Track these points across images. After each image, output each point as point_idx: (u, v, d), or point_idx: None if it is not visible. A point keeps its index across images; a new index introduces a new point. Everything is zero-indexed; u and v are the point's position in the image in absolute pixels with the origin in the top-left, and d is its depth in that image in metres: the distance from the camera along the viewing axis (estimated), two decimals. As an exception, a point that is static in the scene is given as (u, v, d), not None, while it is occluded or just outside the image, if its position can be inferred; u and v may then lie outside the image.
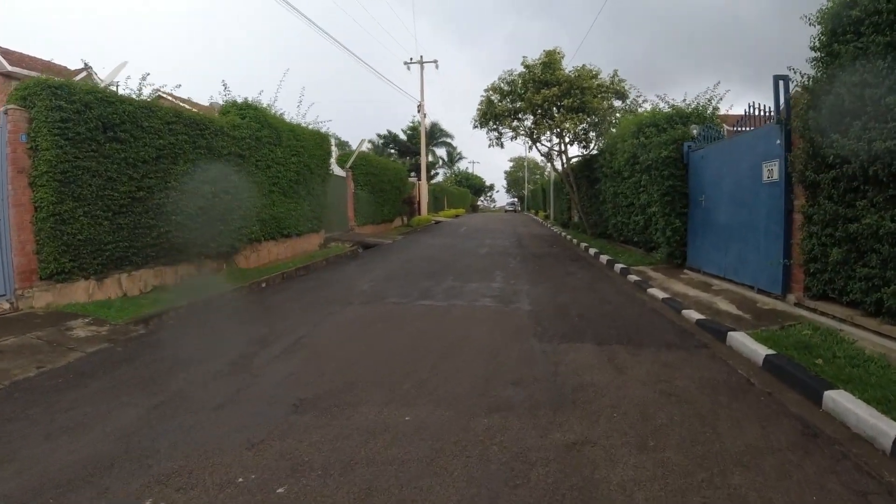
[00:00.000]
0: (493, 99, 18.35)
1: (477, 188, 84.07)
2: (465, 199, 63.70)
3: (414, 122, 42.95)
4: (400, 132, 48.30)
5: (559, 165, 20.45)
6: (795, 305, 6.41)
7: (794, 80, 6.23)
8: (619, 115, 17.30)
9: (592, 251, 14.08)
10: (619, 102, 17.68)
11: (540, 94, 16.52)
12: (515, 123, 18.59)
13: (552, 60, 17.01)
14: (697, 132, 10.08)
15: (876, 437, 3.12)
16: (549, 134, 18.74)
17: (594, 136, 18.14)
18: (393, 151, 47.86)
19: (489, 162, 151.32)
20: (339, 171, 18.61)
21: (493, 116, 18.34)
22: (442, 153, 56.04)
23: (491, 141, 19.52)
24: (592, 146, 18.32)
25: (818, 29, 5.74)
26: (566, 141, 18.63)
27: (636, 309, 7.18)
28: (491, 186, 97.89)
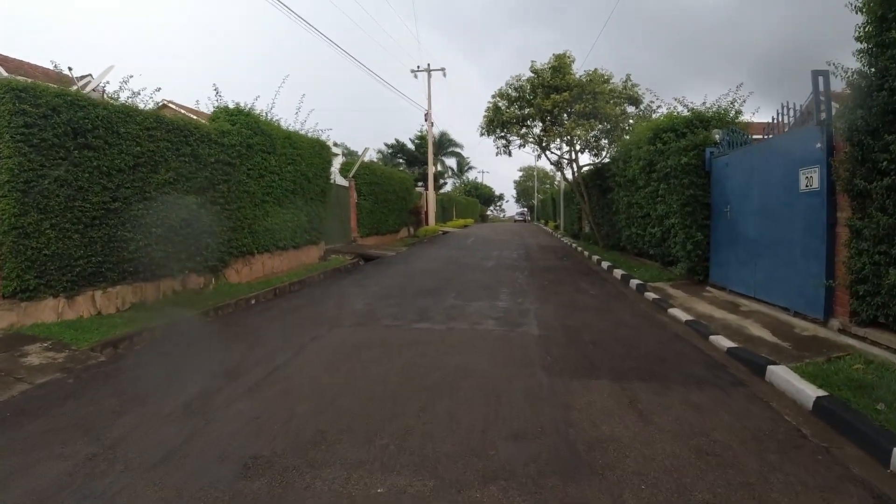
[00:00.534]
0: (500, 105, 17.69)
1: (486, 198, 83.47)
2: (474, 209, 63.04)
3: (422, 131, 42.44)
4: (408, 141, 47.80)
5: (570, 174, 19.75)
6: (840, 332, 5.64)
7: (835, 73, 5.50)
8: (632, 121, 16.61)
9: (605, 265, 13.33)
10: (632, 108, 16.98)
11: (549, 99, 15.85)
12: (524, 130, 17.90)
13: (562, 64, 16.35)
14: (720, 137, 9.37)
15: None
16: (559, 141, 18.06)
17: (606, 143, 17.42)
18: (401, 161, 47.30)
19: (498, 172, 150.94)
20: (341, 180, 18.01)
21: (500, 123, 17.67)
22: (451, 163, 55.47)
23: (498, 149, 18.87)
24: (604, 154, 17.60)
25: (863, 18, 5.04)
26: (577, 149, 17.94)
27: (657, 333, 6.44)
28: (500, 196, 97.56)
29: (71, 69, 9.00)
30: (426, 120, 31.17)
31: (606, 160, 17.24)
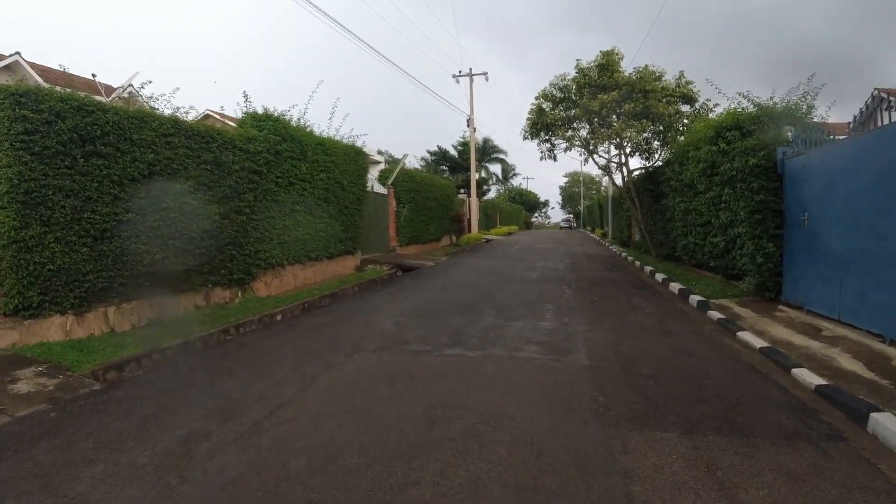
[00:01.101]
0: (543, 107, 16.72)
1: (531, 204, 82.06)
2: (518, 216, 61.84)
3: (465, 137, 41.73)
4: (451, 148, 47.19)
5: (619, 179, 18.58)
6: (968, 370, 4.52)
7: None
8: (686, 121, 15.37)
9: (659, 277, 12.20)
10: (686, 107, 15.72)
11: (597, 99, 14.80)
12: (569, 133, 16.88)
13: (610, 62, 15.28)
14: (793, 134, 8.22)
15: None
16: (606, 144, 16.95)
17: (658, 145, 16.20)
18: (445, 168, 46.70)
19: (543, 178, 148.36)
20: (379, 188, 17.47)
21: (544, 126, 16.70)
22: (496, 169, 54.49)
23: (542, 153, 17.87)
24: (656, 157, 16.37)
25: None
26: (626, 152, 16.76)
27: (727, 364, 5.44)
28: (545, 203, 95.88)
29: (95, 76, 8.77)
30: (468, 125, 30.43)
31: (659, 163, 16.04)
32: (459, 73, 30.70)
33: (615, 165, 18.17)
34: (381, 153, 25.83)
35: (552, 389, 4.59)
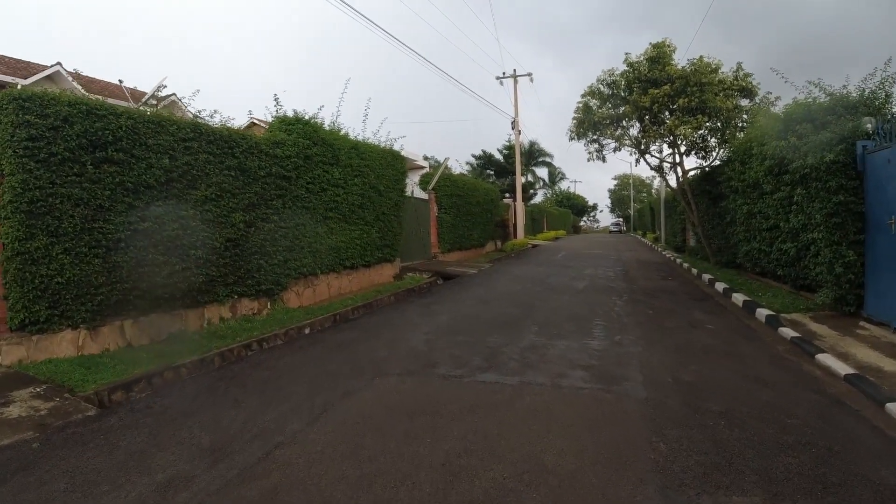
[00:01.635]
0: (591, 105, 15.71)
1: (579, 208, 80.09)
2: (565, 220, 60.29)
3: (510, 141, 40.87)
4: (496, 152, 46.36)
5: (672, 180, 17.38)
6: None
7: None
8: (745, 116, 14.10)
9: (720, 287, 11.09)
10: (745, 101, 14.43)
11: (648, 94, 13.74)
12: (619, 132, 15.82)
13: (661, 54, 14.18)
14: (873, 126, 7.12)
15: None
16: (659, 143, 15.80)
17: (715, 143, 14.94)
18: (490, 173, 45.92)
19: (592, 181, 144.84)
20: (420, 193, 16.90)
21: (591, 125, 15.69)
22: (542, 173, 53.25)
23: (590, 154, 16.83)
24: (714, 156, 15.11)
25: None
26: (681, 150, 15.58)
27: (810, 397, 4.53)
28: (594, 206, 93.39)
29: (122, 81, 8.55)
30: (513, 128, 29.61)
31: (717, 163, 14.81)
32: (503, 74, 29.98)
33: (668, 165, 16.99)
34: (426, 158, 25.31)
35: (602, 432, 3.81)
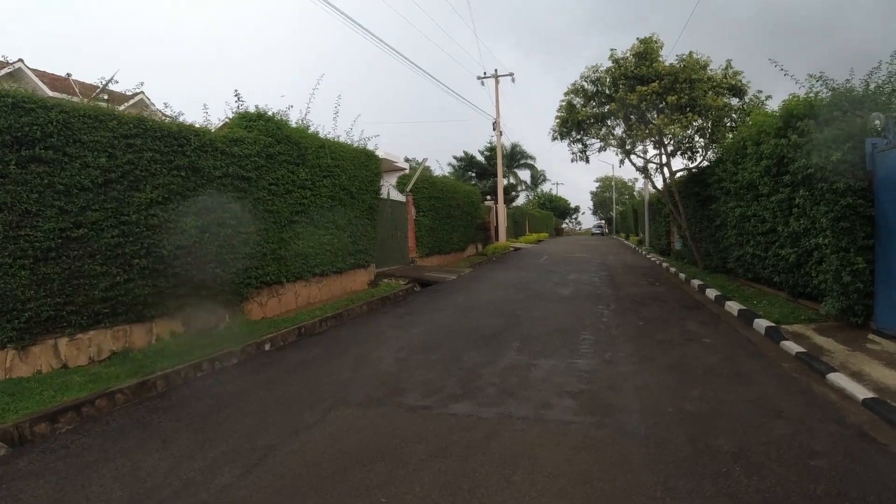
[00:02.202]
0: (574, 103, 15.17)
1: (561, 211, 79.96)
2: (548, 222, 60.01)
3: (492, 142, 40.30)
4: (478, 154, 45.65)
5: (659, 182, 16.94)
6: None
7: None
8: (734, 115, 13.72)
9: (711, 293, 10.60)
10: (734, 100, 14.04)
11: (635, 92, 13.23)
12: (603, 132, 15.32)
13: (648, 50, 13.68)
14: (882, 123, 6.66)
15: None
16: (645, 143, 15.34)
17: (703, 143, 14.53)
18: (472, 175, 45.26)
19: (574, 183, 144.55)
20: (397, 195, 16.23)
21: (575, 125, 15.15)
22: (525, 176, 52.73)
23: (574, 154, 16.29)
24: (703, 156, 14.69)
25: None
26: (668, 151, 15.14)
27: (831, 430, 3.97)
28: (576, 209, 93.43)
29: (69, 75, 7.78)
30: (495, 129, 29.08)
31: (705, 163, 14.39)
32: (484, 74, 29.46)
33: (654, 166, 16.55)
34: (408, 160, 24.57)
35: (595, 484, 3.19)
